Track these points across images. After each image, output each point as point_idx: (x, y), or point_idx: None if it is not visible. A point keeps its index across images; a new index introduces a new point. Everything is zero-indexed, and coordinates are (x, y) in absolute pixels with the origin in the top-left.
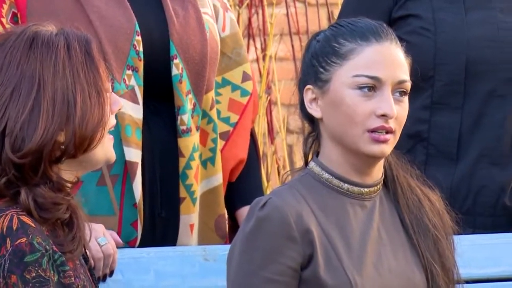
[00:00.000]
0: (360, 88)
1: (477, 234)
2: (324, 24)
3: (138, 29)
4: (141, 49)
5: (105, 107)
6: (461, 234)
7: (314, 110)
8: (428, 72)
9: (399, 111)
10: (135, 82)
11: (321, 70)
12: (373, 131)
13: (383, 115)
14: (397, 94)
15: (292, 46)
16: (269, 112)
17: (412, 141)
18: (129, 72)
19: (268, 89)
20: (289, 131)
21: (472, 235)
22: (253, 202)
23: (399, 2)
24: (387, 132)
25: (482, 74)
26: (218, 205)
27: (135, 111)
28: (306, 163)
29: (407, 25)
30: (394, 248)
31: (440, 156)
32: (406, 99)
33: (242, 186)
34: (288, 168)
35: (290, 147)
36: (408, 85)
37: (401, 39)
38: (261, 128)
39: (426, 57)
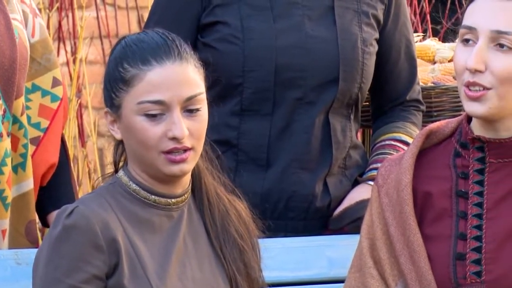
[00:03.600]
0: (147, 114)
1: (289, 238)
2: (134, 28)
3: None
4: None
5: None
6: (273, 237)
7: (115, 132)
8: (236, 79)
9: (193, 126)
10: None
11: (113, 96)
12: (168, 152)
13: (174, 138)
14: (188, 111)
15: (103, 49)
16: (79, 116)
17: (222, 148)
18: None
19: (79, 93)
20: (99, 134)
21: (284, 238)
22: (60, 209)
23: (208, 8)
24: (184, 150)
25: (291, 81)
26: (28, 211)
27: None
28: (116, 170)
29: (216, 32)
30: (199, 258)
31: (250, 163)
32: (200, 112)
33: (53, 191)
34: (99, 172)
35: (101, 151)
36: (200, 98)
37: (210, 46)
38: (71, 132)
39: (235, 65)
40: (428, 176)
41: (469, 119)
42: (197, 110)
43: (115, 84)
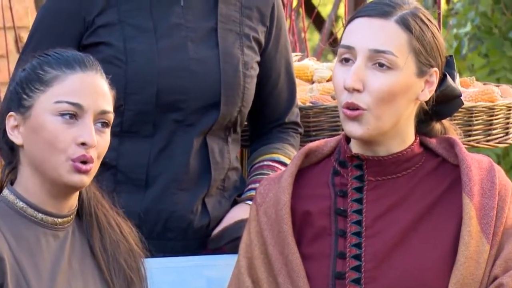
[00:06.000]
0: (62, 114)
1: (167, 257)
2: (12, 47)
3: None
4: None
5: None
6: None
7: (15, 137)
8: (117, 101)
9: (100, 141)
10: None
11: (25, 96)
12: (75, 160)
13: (83, 144)
14: (99, 124)
15: None
16: None
17: (100, 169)
18: None
19: None
20: None
21: (161, 258)
22: None
23: (90, 28)
24: (87, 162)
25: (172, 104)
26: None
27: None
28: (1, 190)
29: (99, 53)
30: (84, 280)
31: (129, 183)
32: (107, 130)
33: None
34: None
35: None
36: (111, 116)
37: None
38: None
39: (117, 87)
40: (307, 195)
41: (348, 138)
42: (107, 125)
43: (30, 84)
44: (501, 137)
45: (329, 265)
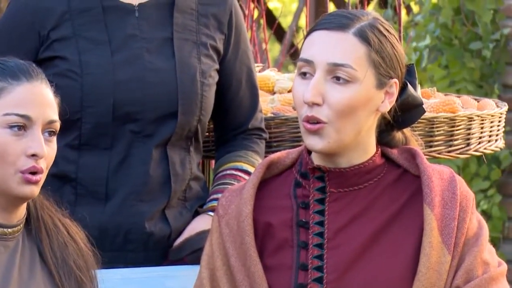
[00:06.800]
0: (11, 127)
1: (128, 268)
2: None
3: None
4: None
5: None
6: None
7: None
8: (75, 115)
9: (49, 151)
10: None
11: None
12: (25, 172)
13: (34, 155)
14: (47, 134)
15: None
16: None
17: (60, 182)
18: None
19: None
20: None
21: (123, 269)
22: None
23: (46, 42)
24: (37, 173)
25: (129, 116)
26: None
27: None
28: None
29: (54, 67)
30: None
31: (89, 196)
32: (54, 139)
33: None
34: None
35: None
36: (57, 125)
37: (49, 81)
38: None
39: (73, 100)
40: (269, 207)
41: (309, 150)
42: (54, 134)
43: None
44: (462, 148)
45: (291, 277)
